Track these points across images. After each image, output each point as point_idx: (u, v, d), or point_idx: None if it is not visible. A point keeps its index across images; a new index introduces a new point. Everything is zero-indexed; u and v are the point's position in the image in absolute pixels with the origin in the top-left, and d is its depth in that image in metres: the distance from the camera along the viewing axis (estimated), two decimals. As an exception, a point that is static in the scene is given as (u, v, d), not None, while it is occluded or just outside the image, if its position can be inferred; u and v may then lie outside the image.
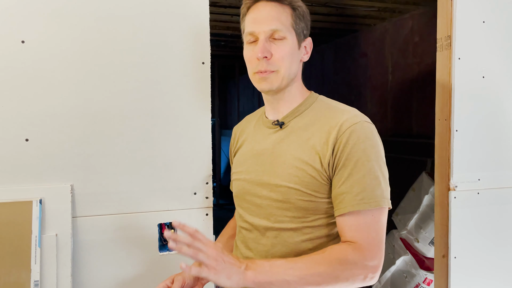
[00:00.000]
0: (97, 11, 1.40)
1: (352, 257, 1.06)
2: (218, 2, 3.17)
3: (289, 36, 1.16)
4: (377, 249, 1.09)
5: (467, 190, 1.88)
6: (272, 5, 1.16)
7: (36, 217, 1.32)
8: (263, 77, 1.17)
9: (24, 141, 1.35)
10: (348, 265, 1.06)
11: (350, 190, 1.09)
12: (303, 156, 1.14)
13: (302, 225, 1.15)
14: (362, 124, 1.12)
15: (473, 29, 1.86)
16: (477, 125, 1.89)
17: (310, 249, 1.15)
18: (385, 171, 1.13)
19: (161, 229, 1.49)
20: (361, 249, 1.07)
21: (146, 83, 1.46)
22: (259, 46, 1.15)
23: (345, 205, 1.09)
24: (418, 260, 2.81)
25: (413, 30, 3.75)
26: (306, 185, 1.13)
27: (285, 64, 1.16)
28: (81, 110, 1.40)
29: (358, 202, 1.08)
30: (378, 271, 1.09)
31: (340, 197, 1.10)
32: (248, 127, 1.35)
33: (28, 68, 1.35)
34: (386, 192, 1.11)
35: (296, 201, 1.14)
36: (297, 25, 1.18)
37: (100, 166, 1.42)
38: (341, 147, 1.10)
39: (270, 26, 1.15)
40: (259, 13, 1.17)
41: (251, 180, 1.23)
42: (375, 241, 1.09)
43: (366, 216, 1.09)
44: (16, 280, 1.28)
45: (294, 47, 1.18)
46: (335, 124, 1.13)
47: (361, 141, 1.10)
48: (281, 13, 1.16)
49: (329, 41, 5.07)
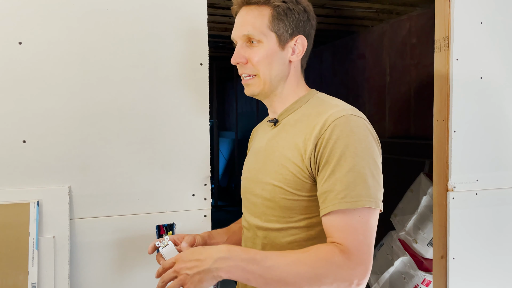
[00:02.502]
0: (95, 13, 1.40)
1: (337, 259, 0.99)
2: (216, 4, 3.17)
3: (265, 39, 1.14)
4: (365, 254, 1.01)
5: (466, 191, 1.88)
6: (249, 9, 1.16)
7: (34, 219, 1.32)
8: (245, 83, 1.20)
9: (22, 142, 1.34)
10: (332, 268, 0.98)
11: (333, 188, 1.02)
12: (288, 153, 1.11)
13: (287, 226, 1.11)
14: (347, 118, 1.05)
15: (471, 30, 1.86)
16: (475, 126, 1.89)
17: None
18: (375, 169, 1.04)
19: (159, 230, 1.49)
20: (347, 252, 0.99)
21: (144, 84, 1.46)
22: (235, 52, 1.18)
23: (327, 205, 1.03)
24: (416, 261, 2.81)
25: (411, 31, 3.76)
26: (288, 183, 1.09)
27: (262, 67, 1.15)
28: (78, 112, 1.39)
29: (340, 201, 1.01)
30: (366, 278, 1.01)
31: (323, 196, 1.04)
32: (261, 128, 1.36)
33: (25, 69, 1.34)
34: (374, 191, 1.02)
35: (280, 200, 1.11)
36: (277, 26, 1.14)
37: (97, 168, 1.41)
38: (324, 143, 1.04)
39: (243, 31, 1.15)
40: (238, 18, 1.19)
41: (250, 178, 1.23)
42: (363, 245, 1.01)
43: (353, 217, 1.01)
44: (13, 282, 1.28)
45: (272, 50, 1.15)
46: (320, 119, 1.08)
47: (345, 135, 1.03)
48: (256, 16, 1.14)
49: (327, 42, 5.07)
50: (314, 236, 1.11)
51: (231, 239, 1.35)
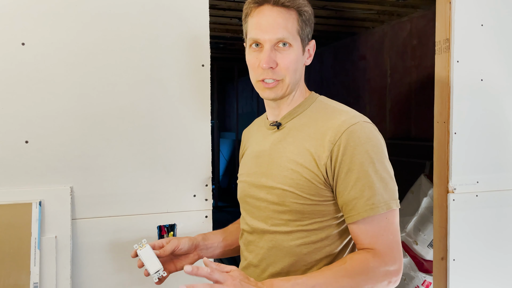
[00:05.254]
0: (98, 14, 1.41)
1: (373, 265, 1.03)
2: (217, 5, 3.18)
3: (295, 43, 1.12)
4: (396, 252, 1.06)
5: (466, 193, 1.88)
6: (278, 10, 1.10)
7: (36, 219, 1.32)
8: (269, 87, 1.14)
9: (24, 143, 1.35)
10: (370, 273, 1.03)
11: (361, 195, 1.05)
12: (298, 158, 1.11)
13: (297, 229, 1.12)
14: (361, 125, 1.08)
15: (471, 32, 1.87)
16: (476, 128, 1.89)
17: (305, 254, 1.12)
18: (391, 170, 1.10)
19: (161, 231, 1.49)
20: (381, 255, 1.04)
21: (146, 85, 1.46)
22: (265, 56, 1.10)
23: (357, 212, 1.05)
24: (417, 262, 2.81)
25: (411, 33, 3.76)
26: (301, 188, 1.10)
27: (290, 72, 1.12)
28: (81, 112, 1.40)
29: (371, 207, 1.04)
30: (400, 274, 1.06)
31: (351, 204, 1.06)
32: (254, 130, 1.34)
33: (28, 70, 1.35)
34: (394, 192, 1.08)
35: (291, 204, 1.11)
36: (303, 31, 1.13)
37: (99, 168, 1.42)
38: (341, 150, 1.05)
39: (277, 34, 1.10)
40: (265, 18, 1.11)
41: (250, 182, 1.22)
42: (393, 244, 1.06)
43: (381, 221, 1.05)
44: (15, 282, 1.28)
45: (299, 54, 1.14)
46: (331, 125, 1.09)
47: (363, 143, 1.05)
48: (287, 19, 1.10)
49: (328, 44, 5.07)
50: (323, 238, 1.13)
51: (227, 239, 1.35)
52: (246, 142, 1.37)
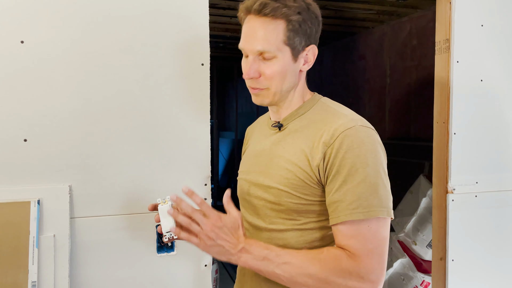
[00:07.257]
0: (97, 12, 1.40)
1: (345, 265, 1.01)
2: (217, 4, 3.18)
3: (280, 54, 1.09)
4: (375, 261, 1.02)
5: (465, 193, 1.88)
6: (262, 21, 1.08)
7: (34, 217, 1.32)
8: (255, 94, 1.16)
9: (23, 141, 1.35)
10: (341, 273, 1.01)
11: (344, 199, 1.03)
12: (294, 159, 1.11)
13: (293, 227, 1.13)
14: (358, 129, 1.06)
15: (471, 33, 1.87)
16: (475, 128, 1.89)
17: None
18: (385, 179, 1.07)
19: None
20: (355, 258, 1.01)
21: (145, 84, 1.46)
22: (246, 67, 1.12)
23: (338, 214, 1.04)
24: (415, 262, 2.81)
25: (411, 33, 3.76)
26: (295, 188, 1.10)
27: (275, 82, 1.12)
28: (80, 111, 1.40)
29: (351, 211, 1.02)
30: (379, 287, 1.03)
31: (334, 206, 1.05)
32: (257, 128, 1.35)
33: (27, 69, 1.34)
34: (385, 200, 1.04)
35: (287, 203, 1.11)
36: (292, 40, 1.09)
37: (98, 167, 1.42)
38: (334, 152, 1.05)
39: (256, 47, 1.09)
40: (249, 29, 1.10)
41: (249, 180, 1.23)
42: (372, 253, 1.02)
43: (361, 227, 1.02)
44: (13, 280, 1.28)
45: (286, 64, 1.11)
46: (328, 127, 1.08)
47: (356, 146, 1.04)
48: (270, 31, 1.07)
49: (327, 43, 5.07)
50: (319, 238, 1.13)
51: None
52: (249, 139, 1.38)
